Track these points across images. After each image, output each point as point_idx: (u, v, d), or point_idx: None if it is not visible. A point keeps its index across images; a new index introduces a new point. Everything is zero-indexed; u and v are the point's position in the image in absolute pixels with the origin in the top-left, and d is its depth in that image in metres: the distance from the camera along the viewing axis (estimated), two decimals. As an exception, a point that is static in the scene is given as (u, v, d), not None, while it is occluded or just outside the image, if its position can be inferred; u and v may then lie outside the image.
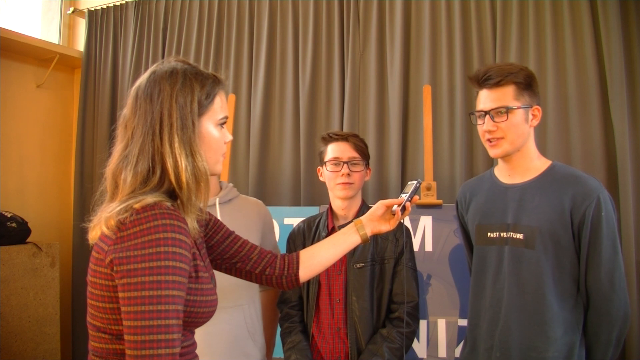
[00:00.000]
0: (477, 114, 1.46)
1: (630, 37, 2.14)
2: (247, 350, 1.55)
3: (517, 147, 1.42)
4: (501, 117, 1.39)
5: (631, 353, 2.01)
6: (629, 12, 2.15)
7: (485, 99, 1.42)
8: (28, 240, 2.73)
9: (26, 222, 2.73)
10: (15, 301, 2.56)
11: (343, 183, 1.65)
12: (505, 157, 1.45)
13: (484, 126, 1.42)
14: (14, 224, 2.65)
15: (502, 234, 1.44)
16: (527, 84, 1.41)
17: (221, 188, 1.64)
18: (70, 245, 3.24)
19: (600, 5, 2.16)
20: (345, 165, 1.65)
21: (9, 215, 2.68)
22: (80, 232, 3.18)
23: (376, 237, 1.65)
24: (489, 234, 1.48)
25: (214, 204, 1.56)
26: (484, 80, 1.41)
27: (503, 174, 1.51)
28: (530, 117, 1.42)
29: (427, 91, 2.26)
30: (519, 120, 1.39)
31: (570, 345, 1.35)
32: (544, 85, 2.26)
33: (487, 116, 1.40)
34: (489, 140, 1.43)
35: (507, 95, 1.39)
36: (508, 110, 1.38)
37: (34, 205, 3.18)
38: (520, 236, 1.40)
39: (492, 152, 1.45)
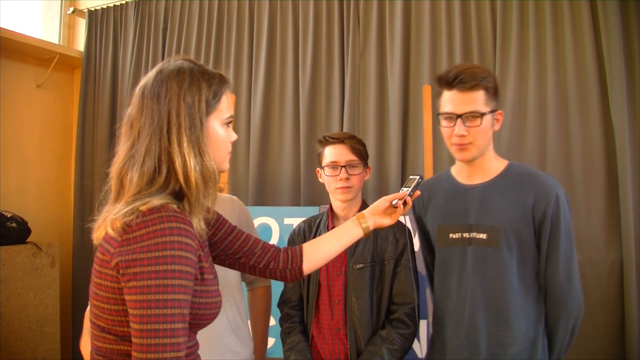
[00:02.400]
0: (445, 116, 1.40)
1: (630, 37, 2.14)
2: (232, 348, 1.55)
3: (483, 151, 1.42)
4: (474, 122, 1.36)
5: (631, 353, 2.01)
6: (629, 12, 2.15)
7: (457, 102, 1.37)
8: (28, 240, 2.73)
9: (26, 222, 2.73)
10: (15, 301, 2.56)
11: (342, 187, 1.64)
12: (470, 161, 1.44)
13: (454, 130, 1.38)
14: (14, 224, 2.65)
15: (464, 235, 1.44)
16: (495, 89, 1.40)
17: None
18: (70, 245, 3.23)
19: (600, 5, 2.16)
20: (343, 169, 1.63)
21: (9, 215, 2.68)
22: (80, 232, 3.18)
23: (376, 238, 1.64)
24: (450, 235, 1.46)
25: None
26: (456, 82, 1.37)
27: (462, 175, 1.50)
28: (494, 121, 1.42)
29: (427, 91, 2.25)
30: (487, 126, 1.39)
31: (533, 338, 1.38)
32: (544, 85, 2.26)
33: (459, 120, 1.37)
34: (456, 144, 1.40)
35: (479, 99, 1.36)
36: (482, 115, 1.36)
37: (34, 205, 3.18)
38: (483, 236, 1.40)
39: (460, 156, 1.43)
